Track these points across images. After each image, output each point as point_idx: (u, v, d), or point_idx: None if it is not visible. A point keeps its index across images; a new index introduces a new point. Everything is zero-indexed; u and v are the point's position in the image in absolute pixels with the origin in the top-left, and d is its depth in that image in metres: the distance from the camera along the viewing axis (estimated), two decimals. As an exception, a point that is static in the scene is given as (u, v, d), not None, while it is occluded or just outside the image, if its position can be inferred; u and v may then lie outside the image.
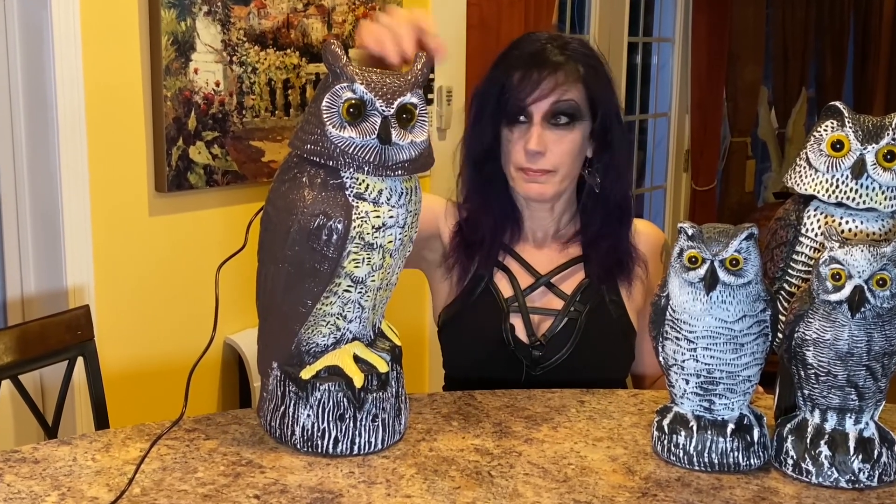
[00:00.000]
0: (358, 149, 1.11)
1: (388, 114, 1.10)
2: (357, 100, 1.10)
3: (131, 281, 2.35)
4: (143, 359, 2.38)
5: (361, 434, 1.20)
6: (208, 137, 2.45)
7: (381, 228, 1.13)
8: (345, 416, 1.19)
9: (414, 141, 1.13)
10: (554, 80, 1.53)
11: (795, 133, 6.09)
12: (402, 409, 1.25)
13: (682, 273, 1.15)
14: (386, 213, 1.13)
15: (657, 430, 1.23)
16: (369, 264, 1.14)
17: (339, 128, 1.11)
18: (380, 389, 1.21)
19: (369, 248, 1.13)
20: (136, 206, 2.35)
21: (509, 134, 1.56)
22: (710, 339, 1.15)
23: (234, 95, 2.49)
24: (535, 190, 1.56)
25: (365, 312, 1.19)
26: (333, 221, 1.11)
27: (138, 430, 1.27)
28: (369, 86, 1.10)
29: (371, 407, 1.20)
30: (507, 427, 1.32)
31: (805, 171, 1.21)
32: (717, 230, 1.14)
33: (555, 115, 1.53)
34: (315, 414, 1.19)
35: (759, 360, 1.18)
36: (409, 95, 1.12)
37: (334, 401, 1.19)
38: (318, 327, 1.18)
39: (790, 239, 1.23)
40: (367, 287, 1.17)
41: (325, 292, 1.15)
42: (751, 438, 1.19)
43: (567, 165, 1.55)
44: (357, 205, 1.12)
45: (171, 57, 2.33)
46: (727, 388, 1.18)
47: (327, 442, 1.19)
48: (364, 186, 1.12)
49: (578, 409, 1.40)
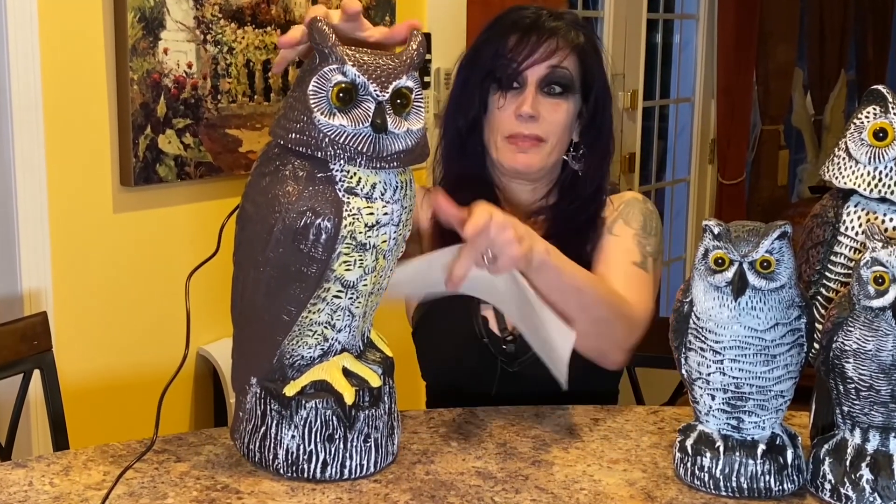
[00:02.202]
0: (350, 138, 1.10)
1: (383, 99, 1.10)
2: (348, 83, 1.10)
3: (93, 285, 2.35)
4: (107, 371, 2.38)
5: (353, 456, 1.20)
6: (179, 125, 2.45)
7: (374, 227, 1.13)
8: (334, 437, 1.19)
9: (410, 129, 1.13)
10: (552, 44, 1.62)
11: (833, 120, 6.09)
12: (395, 428, 1.26)
13: (707, 276, 1.15)
14: (380, 209, 1.13)
15: (679, 452, 1.23)
16: (361, 267, 1.14)
17: (327, 114, 1.10)
18: (372, 406, 1.21)
19: (362, 249, 1.13)
20: (98, 202, 2.35)
21: (500, 100, 1.63)
22: (738, 349, 1.15)
23: (208, 78, 2.49)
24: (522, 161, 1.62)
25: (355, 321, 1.19)
26: (322, 219, 1.11)
27: (101, 452, 1.27)
28: (362, 68, 1.10)
29: (363, 426, 1.20)
30: (512, 447, 1.32)
31: (844, 163, 1.21)
32: (747, 229, 1.14)
33: (549, 84, 1.62)
34: (301, 435, 1.19)
35: (792, 374, 1.18)
36: (404, 78, 1.12)
37: (322, 420, 1.19)
38: (303, 338, 1.18)
39: (828, 238, 1.23)
40: (358, 292, 1.16)
41: (313, 298, 1.15)
42: (784, 460, 1.19)
43: (557, 136, 1.63)
44: (348, 200, 1.12)
45: (138, 35, 2.32)
46: (757, 404, 1.18)
47: (315, 466, 1.19)
48: (356, 180, 1.12)
49: (591, 427, 1.40)
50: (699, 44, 5.00)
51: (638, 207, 1.67)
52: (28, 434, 2.20)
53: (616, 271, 1.59)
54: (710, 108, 5.11)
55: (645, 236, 1.64)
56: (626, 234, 1.63)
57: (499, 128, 1.63)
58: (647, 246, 1.63)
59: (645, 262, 1.61)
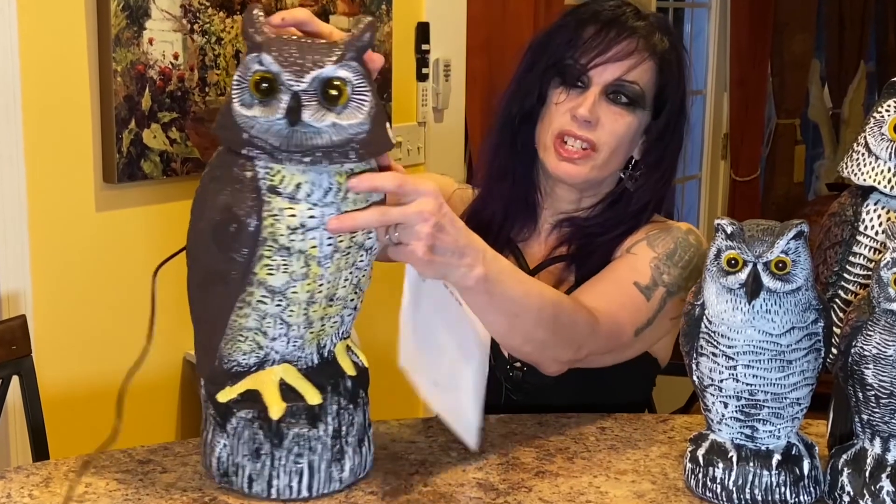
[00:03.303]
0: (263, 131, 1.09)
1: (299, 89, 1.08)
2: (265, 72, 1.09)
3: (75, 287, 2.35)
4: (89, 377, 2.38)
5: (280, 476, 1.18)
6: (165, 119, 2.45)
7: (298, 230, 1.10)
8: (260, 453, 1.18)
9: (337, 123, 1.09)
10: (631, 44, 1.55)
11: (852, 114, 6.10)
12: (348, 454, 1.22)
13: (719, 278, 1.15)
14: (304, 211, 1.10)
15: (690, 462, 1.23)
16: (287, 272, 1.12)
17: (247, 106, 1.10)
18: (308, 426, 1.18)
19: (286, 253, 1.11)
20: (80, 200, 2.35)
21: (559, 95, 1.57)
22: (752, 355, 1.15)
23: (195, 70, 2.49)
24: (567, 171, 1.56)
25: (294, 330, 1.16)
26: (241, 219, 1.10)
27: (83, 462, 1.27)
28: (280, 56, 1.08)
29: (293, 445, 1.18)
30: (514, 458, 1.32)
31: (864, 159, 1.22)
32: (761, 228, 1.14)
33: (616, 92, 1.55)
34: (231, 445, 1.19)
35: (809, 380, 1.18)
36: (332, 68, 1.08)
37: (250, 432, 1.18)
38: (236, 343, 1.18)
39: (846, 238, 1.24)
40: (288, 299, 1.14)
41: (239, 302, 1.14)
42: (800, 471, 1.19)
43: (612, 148, 1.56)
44: (269, 200, 1.10)
45: (122, 25, 2.33)
46: (772, 412, 1.18)
47: (241, 479, 1.19)
48: (279, 178, 1.10)
49: (598, 436, 1.40)
50: (711, 33, 5.01)
51: (674, 235, 1.56)
52: (6, 443, 2.20)
53: (606, 283, 1.51)
54: (722, 101, 5.11)
55: (667, 264, 1.53)
56: (644, 256, 1.54)
57: (551, 124, 1.57)
58: (664, 274, 1.52)
59: (652, 288, 1.50)
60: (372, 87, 1.12)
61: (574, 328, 1.39)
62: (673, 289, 1.52)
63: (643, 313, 1.50)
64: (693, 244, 1.57)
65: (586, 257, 1.60)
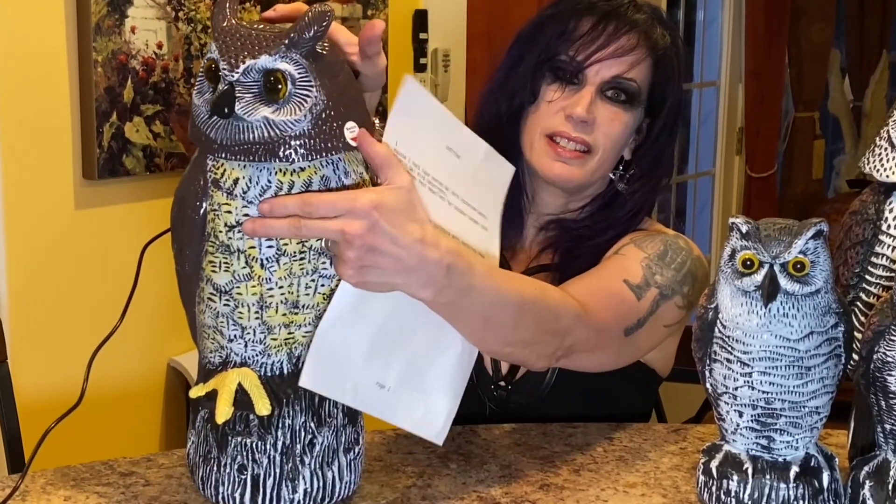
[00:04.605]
0: (203, 121, 1.11)
1: (233, 79, 1.08)
2: (210, 60, 1.11)
3: (53, 289, 2.35)
4: (68, 385, 2.38)
5: (225, 483, 1.17)
6: (148, 112, 2.45)
7: (234, 228, 1.11)
8: (209, 456, 1.19)
9: (270, 118, 1.08)
10: (631, 39, 1.53)
11: (874, 107, 6.10)
12: (303, 475, 1.17)
13: (734, 280, 1.15)
14: (239, 209, 1.10)
15: (704, 475, 1.23)
16: (229, 271, 1.13)
17: (200, 94, 1.13)
18: (251, 436, 1.16)
19: (226, 251, 1.12)
20: (58, 198, 2.35)
21: (552, 93, 1.54)
22: (768, 361, 1.15)
23: (180, 60, 2.49)
24: (560, 172, 1.54)
25: (249, 334, 1.15)
26: (187, 211, 1.14)
27: (62, 475, 1.27)
28: (223, 44, 1.09)
29: (236, 454, 1.17)
30: (517, 470, 1.32)
31: (887, 154, 1.22)
32: (778, 227, 1.14)
33: (613, 89, 1.53)
34: (194, 442, 1.21)
35: (829, 388, 1.18)
36: (268, 58, 1.07)
37: (205, 433, 1.20)
38: (202, 340, 1.20)
39: (868, 237, 1.24)
40: (235, 300, 1.14)
41: (197, 298, 1.18)
42: (819, 484, 1.19)
43: (607, 150, 1.55)
44: (212, 194, 1.12)
45: (103, 13, 2.33)
46: (790, 421, 1.18)
47: (197, 479, 1.21)
48: (221, 172, 1.12)
49: (606, 447, 1.40)
50: (725, 21, 5.01)
51: (662, 238, 1.55)
52: (-20, 455, 2.20)
53: (594, 278, 1.48)
54: (737, 93, 5.12)
55: (658, 264, 1.50)
56: (633, 256, 1.51)
57: (541, 123, 1.54)
58: (656, 275, 1.49)
59: (644, 288, 1.47)
60: (323, 82, 1.09)
61: (557, 320, 1.33)
62: (666, 291, 1.49)
63: (633, 312, 1.46)
64: (683, 247, 1.54)
65: (572, 262, 1.57)
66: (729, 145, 5.14)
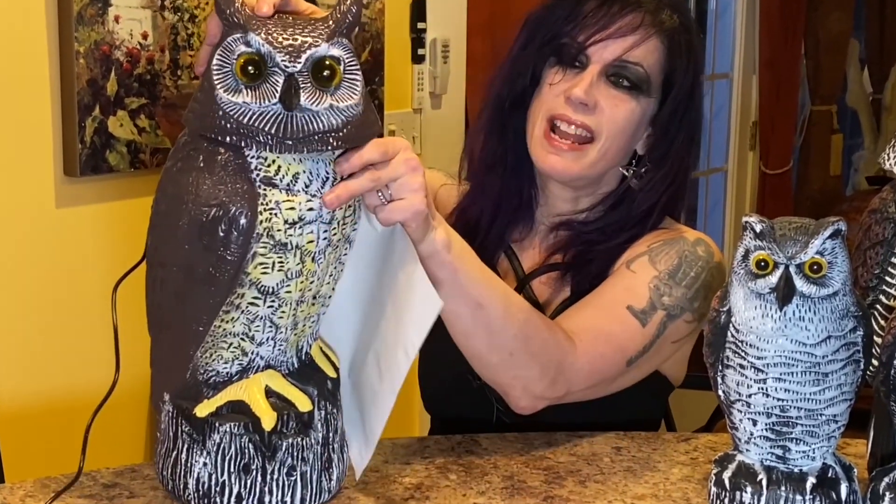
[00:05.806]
0: (255, 117, 1.10)
1: (294, 71, 1.09)
2: (253, 54, 1.10)
3: (32, 291, 2.35)
4: (47, 392, 2.38)
5: (273, 491, 1.19)
6: (133, 105, 2.45)
7: (296, 224, 1.12)
8: (250, 467, 1.19)
9: (335, 105, 1.11)
10: (635, 18, 1.53)
11: (895, 100, 6.10)
12: (335, 461, 1.24)
13: (747, 281, 1.15)
14: (303, 204, 1.12)
15: (716, 486, 1.23)
16: (282, 270, 1.14)
17: (232, 91, 1.11)
18: (299, 434, 1.20)
19: (282, 249, 1.13)
20: (38, 195, 2.35)
21: (554, 76, 1.55)
22: (784, 367, 1.15)
23: (166, 51, 2.49)
24: (554, 164, 1.54)
25: (281, 333, 1.18)
26: (233, 214, 1.11)
27: (42, 485, 1.27)
28: (269, 36, 1.10)
29: (286, 456, 1.19)
30: (520, 481, 1.33)
31: (907, 150, 1.22)
32: (794, 226, 1.14)
33: (617, 74, 1.53)
34: (213, 462, 1.19)
35: (847, 395, 1.18)
36: (325, 46, 1.10)
37: (237, 447, 1.19)
38: (217, 350, 1.18)
39: (888, 237, 1.24)
40: (280, 300, 1.16)
41: (225, 305, 1.15)
42: (837, 496, 1.19)
43: (611, 138, 1.54)
44: (265, 193, 1.12)
45: (85, 1, 2.33)
46: (806, 430, 1.18)
47: (228, 499, 1.19)
48: (274, 169, 1.12)
49: (613, 457, 1.40)
50: (738, 10, 5.01)
51: (679, 248, 1.54)
52: (-44, 465, 2.20)
53: (594, 306, 1.49)
54: (751, 86, 5.12)
55: (668, 283, 1.50)
56: (644, 274, 1.51)
57: (542, 107, 1.55)
58: (664, 296, 1.49)
59: (649, 313, 1.48)
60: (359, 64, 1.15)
61: (546, 349, 1.37)
62: (675, 311, 1.50)
63: (636, 342, 1.48)
64: (702, 256, 1.54)
65: (584, 266, 1.57)
66: (742, 140, 5.14)
